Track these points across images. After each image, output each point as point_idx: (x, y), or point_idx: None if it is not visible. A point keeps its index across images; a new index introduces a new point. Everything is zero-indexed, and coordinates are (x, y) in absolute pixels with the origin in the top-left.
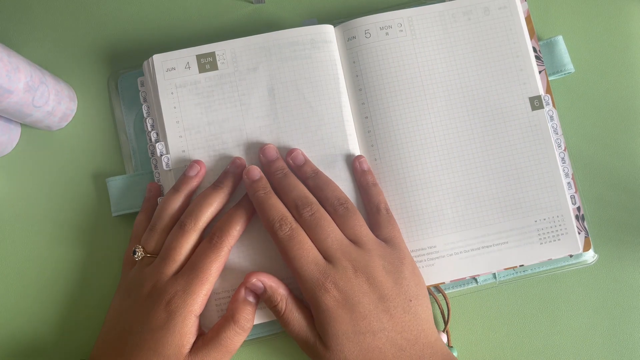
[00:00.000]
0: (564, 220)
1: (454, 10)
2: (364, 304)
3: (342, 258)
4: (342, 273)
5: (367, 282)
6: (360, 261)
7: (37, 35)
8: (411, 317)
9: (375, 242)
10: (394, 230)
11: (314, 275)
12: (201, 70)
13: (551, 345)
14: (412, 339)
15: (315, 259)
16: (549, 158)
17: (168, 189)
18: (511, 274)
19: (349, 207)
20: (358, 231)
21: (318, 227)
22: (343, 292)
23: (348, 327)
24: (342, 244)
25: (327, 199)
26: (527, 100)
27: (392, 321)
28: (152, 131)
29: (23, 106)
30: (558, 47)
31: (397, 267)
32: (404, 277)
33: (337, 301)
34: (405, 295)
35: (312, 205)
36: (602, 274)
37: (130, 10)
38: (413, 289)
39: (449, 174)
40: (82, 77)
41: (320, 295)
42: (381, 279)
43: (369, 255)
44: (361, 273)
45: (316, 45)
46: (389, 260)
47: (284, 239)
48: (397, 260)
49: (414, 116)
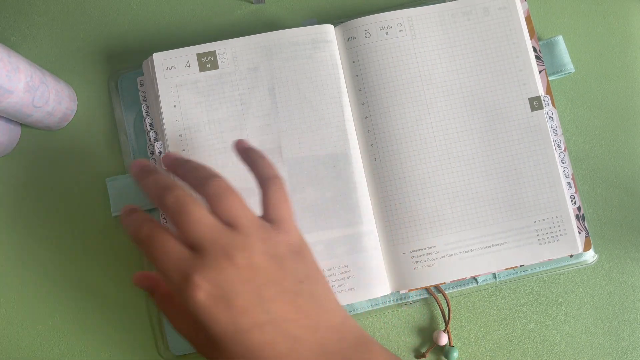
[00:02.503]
0: (563, 221)
1: (454, 10)
2: (243, 295)
3: (213, 246)
4: (213, 263)
5: (246, 270)
6: (235, 247)
7: (37, 35)
8: (306, 300)
9: (255, 224)
10: (281, 209)
11: (178, 271)
12: (202, 69)
13: (551, 345)
14: (311, 325)
15: (179, 253)
16: (549, 159)
17: None
18: (511, 274)
19: (222, 184)
20: (234, 213)
21: (183, 214)
22: (216, 285)
23: (230, 326)
24: (213, 229)
25: (198, 180)
26: (527, 100)
27: (282, 310)
28: (151, 130)
29: (23, 106)
30: (558, 47)
31: (282, 249)
32: (289, 258)
33: (210, 296)
34: (293, 278)
35: (173, 189)
36: (602, 274)
37: (130, 11)
38: (302, 269)
39: (449, 174)
40: (82, 77)
41: (189, 293)
42: (262, 263)
43: (246, 238)
44: (238, 260)
45: (317, 45)
46: (272, 243)
47: (144, 243)
48: (282, 242)
49: (413, 116)
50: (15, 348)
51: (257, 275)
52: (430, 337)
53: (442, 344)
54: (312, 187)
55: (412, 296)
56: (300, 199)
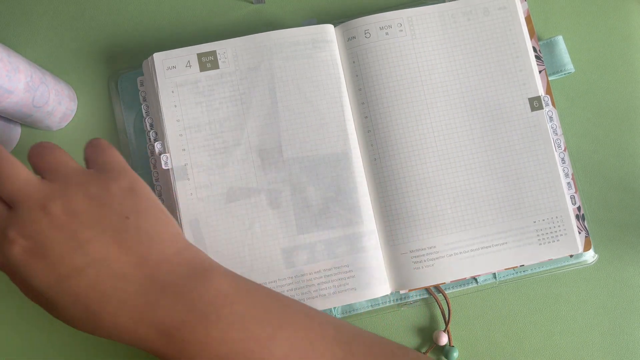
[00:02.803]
0: (563, 221)
1: (454, 10)
2: (59, 242)
3: (27, 200)
4: (26, 216)
5: (62, 217)
6: (51, 196)
7: (37, 35)
8: (131, 235)
9: (76, 171)
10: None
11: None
12: (202, 69)
13: (551, 345)
14: (137, 261)
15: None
16: (548, 159)
17: (167, 188)
18: (511, 274)
19: (44, 144)
20: (54, 166)
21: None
22: (31, 238)
23: (50, 277)
24: (27, 184)
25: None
26: (527, 101)
27: (103, 249)
28: (151, 130)
29: (23, 106)
30: (558, 47)
31: (105, 188)
32: (113, 195)
33: (26, 251)
34: (118, 215)
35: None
36: (602, 274)
37: (130, 11)
38: (129, 204)
39: (449, 175)
40: (82, 77)
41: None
42: (80, 207)
43: (64, 186)
44: (52, 209)
45: (317, 44)
46: (94, 184)
47: None
48: (105, 182)
49: (413, 116)
50: (15, 348)
51: (74, 219)
52: (430, 337)
53: (442, 344)
54: (313, 187)
55: (412, 296)
56: (300, 199)
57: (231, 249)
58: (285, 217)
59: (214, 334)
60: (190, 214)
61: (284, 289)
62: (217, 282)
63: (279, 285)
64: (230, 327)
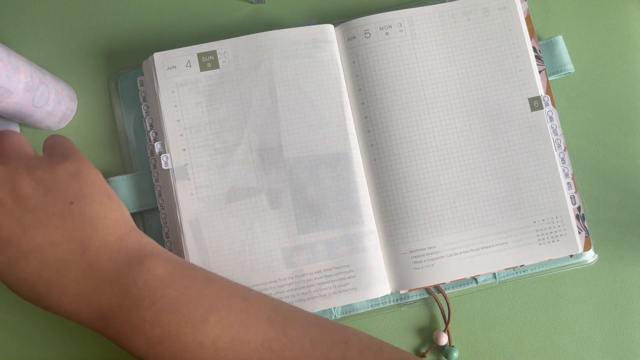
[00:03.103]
0: (563, 221)
1: (454, 10)
2: (6, 227)
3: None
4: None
5: (9, 202)
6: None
7: (37, 35)
8: (74, 221)
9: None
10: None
11: None
12: (202, 69)
13: (551, 345)
14: (79, 248)
15: None
16: (548, 159)
17: (167, 188)
18: (511, 274)
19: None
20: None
21: None
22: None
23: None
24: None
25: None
26: (527, 101)
27: (47, 235)
28: (151, 130)
29: (23, 106)
30: (558, 47)
31: (51, 172)
32: (59, 180)
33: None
34: (63, 200)
35: None
36: (602, 274)
37: (130, 11)
38: (75, 190)
39: (449, 175)
40: (82, 77)
41: None
42: (26, 191)
43: (12, 172)
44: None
45: (317, 44)
46: (42, 168)
47: None
48: (52, 166)
49: (413, 116)
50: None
51: (21, 204)
52: (430, 337)
53: (442, 344)
54: (313, 187)
55: (412, 296)
56: (301, 199)
57: (231, 248)
58: (286, 217)
59: (147, 317)
60: (190, 214)
61: (284, 289)
62: (153, 268)
63: (279, 285)
64: (163, 310)
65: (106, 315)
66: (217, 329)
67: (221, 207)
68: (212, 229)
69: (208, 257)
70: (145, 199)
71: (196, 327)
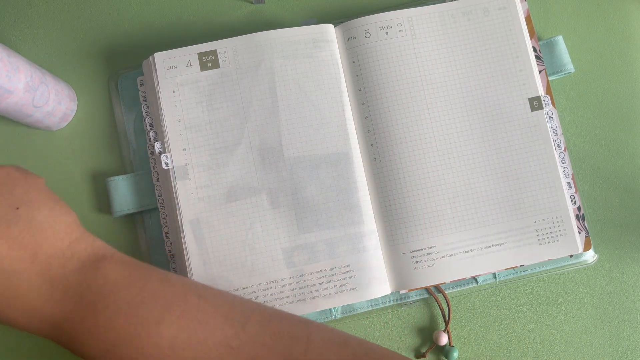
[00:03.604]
0: (563, 221)
1: (454, 10)
2: None
3: None
4: None
5: None
6: None
7: (37, 35)
8: (22, 229)
9: None
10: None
11: None
12: (203, 69)
13: (551, 345)
14: (29, 257)
15: None
16: (548, 159)
17: (167, 188)
18: (511, 274)
19: None
20: None
21: None
22: None
23: None
24: None
25: None
26: (527, 101)
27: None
28: (151, 130)
29: (23, 106)
30: (558, 47)
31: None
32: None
33: None
34: (8, 205)
35: None
36: (602, 274)
37: (130, 11)
38: (20, 194)
39: (449, 174)
40: (82, 77)
41: None
42: None
43: None
44: None
45: (317, 44)
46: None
47: None
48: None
49: (413, 116)
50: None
51: None
52: (430, 337)
53: (442, 344)
54: (313, 186)
55: (412, 296)
56: (301, 198)
57: (232, 248)
58: (286, 216)
59: (101, 322)
60: (190, 214)
61: (285, 289)
62: (106, 272)
63: (280, 285)
64: (117, 313)
65: (59, 324)
66: (173, 329)
67: (221, 206)
68: (212, 228)
69: (208, 257)
70: (145, 199)
71: (151, 329)
